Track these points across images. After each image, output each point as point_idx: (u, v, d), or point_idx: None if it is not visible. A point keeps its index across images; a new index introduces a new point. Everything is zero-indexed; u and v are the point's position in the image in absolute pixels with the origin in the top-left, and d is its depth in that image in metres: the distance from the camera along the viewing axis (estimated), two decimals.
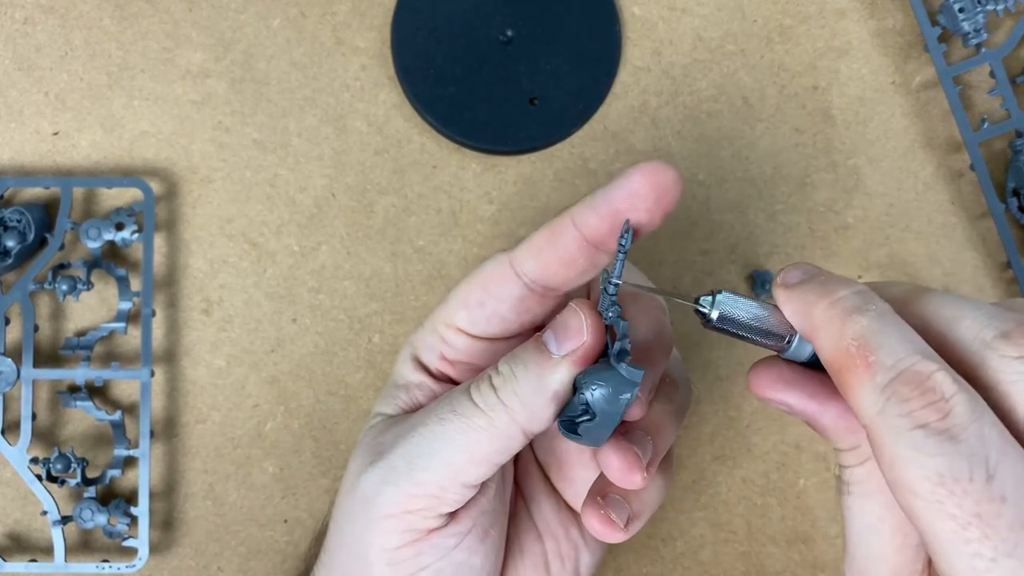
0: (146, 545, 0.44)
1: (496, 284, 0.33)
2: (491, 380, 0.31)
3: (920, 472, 0.24)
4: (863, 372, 0.26)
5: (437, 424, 0.31)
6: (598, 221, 0.30)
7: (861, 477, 0.29)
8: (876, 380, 0.25)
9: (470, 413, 0.31)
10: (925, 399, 0.25)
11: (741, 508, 0.46)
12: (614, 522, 0.32)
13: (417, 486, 0.31)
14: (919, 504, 0.24)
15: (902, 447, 0.24)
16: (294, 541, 0.46)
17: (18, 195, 0.47)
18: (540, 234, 0.32)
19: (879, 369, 0.25)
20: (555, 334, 0.31)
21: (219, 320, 0.46)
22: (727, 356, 0.47)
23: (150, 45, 0.47)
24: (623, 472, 0.31)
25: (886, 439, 0.25)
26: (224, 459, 0.46)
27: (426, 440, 0.31)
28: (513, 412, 0.31)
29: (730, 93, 0.48)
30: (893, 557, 0.29)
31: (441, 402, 0.32)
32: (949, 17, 0.46)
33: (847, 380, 0.26)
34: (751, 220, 0.47)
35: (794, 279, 0.29)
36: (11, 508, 0.46)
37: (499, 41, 0.47)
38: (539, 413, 0.31)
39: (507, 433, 0.31)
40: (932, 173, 0.48)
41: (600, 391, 0.30)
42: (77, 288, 0.44)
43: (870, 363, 0.26)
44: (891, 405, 0.25)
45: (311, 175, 0.47)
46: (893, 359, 0.25)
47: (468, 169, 0.47)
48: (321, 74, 0.47)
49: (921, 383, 0.25)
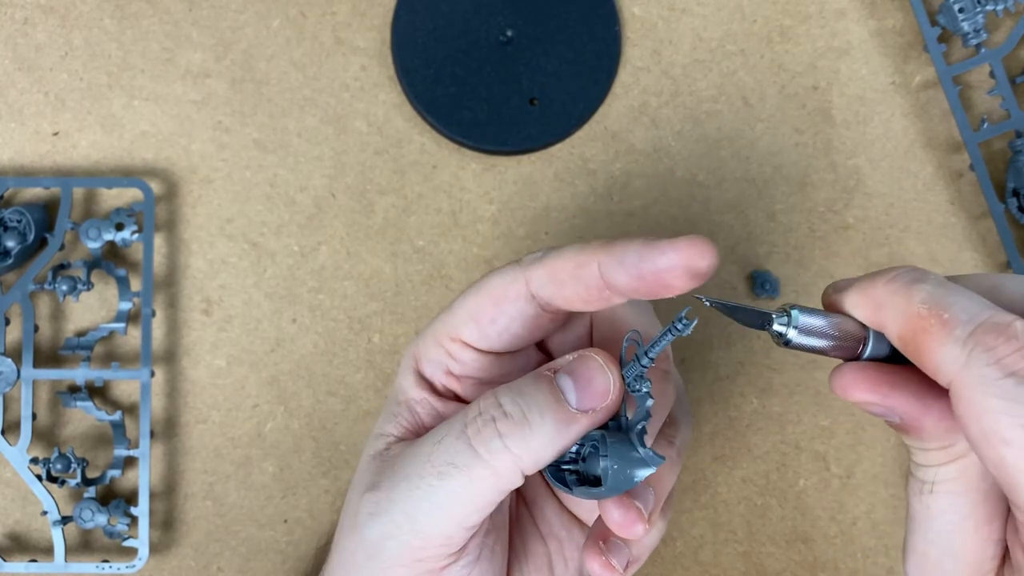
0: (146, 545, 0.44)
1: (510, 301, 0.32)
2: (496, 425, 0.30)
3: (1015, 420, 0.24)
4: (939, 330, 0.25)
5: (436, 480, 0.30)
6: (625, 279, 0.30)
7: (951, 475, 0.28)
8: (955, 334, 0.25)
9: (471, 464, 0.30)
10: (1011, 346, 0.24)
11: (741, 508, 0.46)
12: (614, 567, 0.32)
13: (422, 539, 0.30)
14: (1012, 453, 0.24)
15: (992, 397, 0.24)
16: (294, 541, 0.46)
17: (18, 195, 0.47)
18: (563, 264, 0.31)
19: (956, 324, 0.25)
20: (576, 386, 0.30)
21: (219, 320, 0.46)
22: (727, 356, 0.47)
23: (150, 45, 0.47)
24: (625, 526, 0.30)
25: (974, 392, 0.24)
26: (224, 459, 0.46)
27: (426, 496, 0.30)
28: (519, 459, 0.30)
29: (730, 93, 0.48)
30: (977, 554, 0.28)
31: (434, 448, 0.30)
32: (949, 17, 0.46)
33: (923, 343, 0.26)
34: (751, 220, 0.47)
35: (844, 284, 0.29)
36: (11, 508, 0.46)
37: (499, 41, 0.47)
38: (543, 460, 0.30)
39: (509, 478, 0.30)
40: (932, 173, 0.48)
41: (616, 466, 0.30)
42: (77, 288, 0.44)
43: (945, 320, 0.25)
44: (976, 355, 0.25)
45: (311, 175, 0.47)
46: (968, 313, 0.25)
47: (468, 169, 0.47)
48: (321, 74, 0.47)
49: (1004, 331, 0.24)
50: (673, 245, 0.29)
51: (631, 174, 0.47)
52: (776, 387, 0.47)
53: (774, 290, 0.46)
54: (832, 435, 0.47)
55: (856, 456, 0.47)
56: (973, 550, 0.28)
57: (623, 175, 0.47)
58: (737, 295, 0.47)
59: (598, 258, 0.30)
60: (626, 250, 0.29)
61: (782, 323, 0.28)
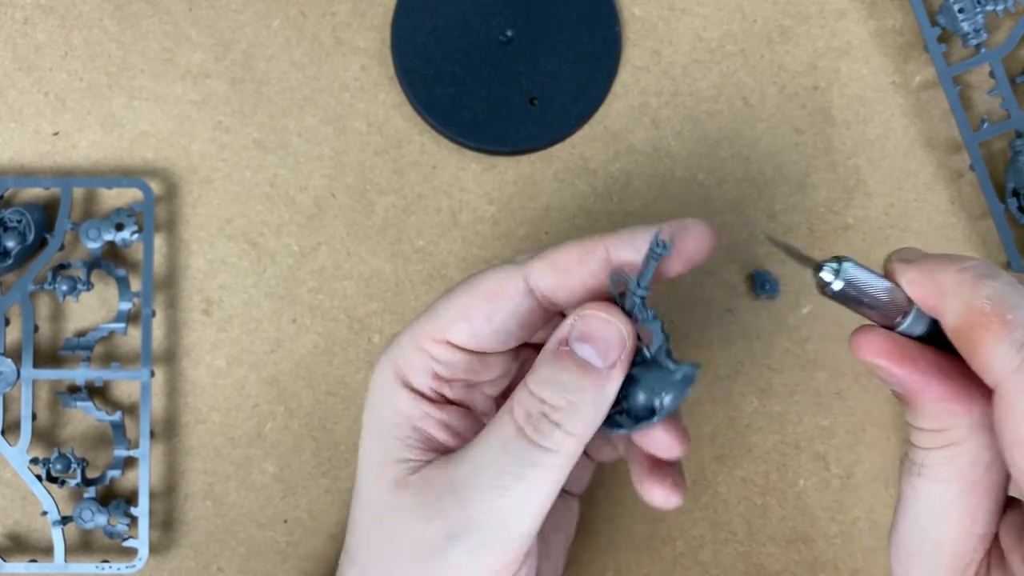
0: (146, 545, 0.44)
1: (507, 297, 0.32)
2: (550, 417, 0.30)
3: None
4: (999, 329, 0.25)
5: (514, 483, 0.30)
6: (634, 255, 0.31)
7: (940, 461, 0.28)
8: (1015, 336, 0.25)
9: (543, 459, 0.30)
10: None
11: (741, 508, 0.46)
12: (680, 485, 0.34)
13: (514, 540, 0.31)
14: None
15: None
16: (294, 541, 0.46)
17: (18, 195, 0.47)
18: (567, 254, 0.32)
19: (1018, 326, 0.25)
20: (594, 348, 0.31)
21: (219, 320, 0.46)
22: (727, 356, 0.47)
23: (150, 45, 0.47)
24: (674, 446, 0.32)
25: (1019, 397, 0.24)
26: (224, 459, 0.46)
27: (516, 499, 0.30)
28: (580, 437, 0.31)
29: (730, 93, 0.48)
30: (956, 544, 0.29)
31: (499, 456, 0.31)
32: (949, 17, 0.46)
33: (979, 338, 0.26)
34: (751, 220, 0.47)
35: (913, 255, 0.29)
36: (11, 508, 0.46)
37: (499, 41, 0.47)
38: (599, 424, 0.31)
39: (576, 455, 0.31)
40: (932, 173, 0.48)
41: (661, 391, 0.31)
42: (77, 288, 0.44)
43: (1007, 321, 0.25)
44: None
45: (311, 175, 0.47)
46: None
47: (468, 169, 0.47)
48: (321, 74, 0.47)
49: None
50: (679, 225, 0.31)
51: (631, 174, 0.47)
52: (776, 387, 0.47)
53: (774, 290, 0.46)
54: (832, 435, 0.47)
55: (856, 456, 0.47)
56: (953, 539, 0.29)
57: (623, 175, 0.47)
58: (737, 295, 0.47)
59: (604, 241, 0.31)
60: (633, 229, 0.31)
61: (831, 270, 0.29)
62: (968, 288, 0.26)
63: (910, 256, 0.29)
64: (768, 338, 0.47)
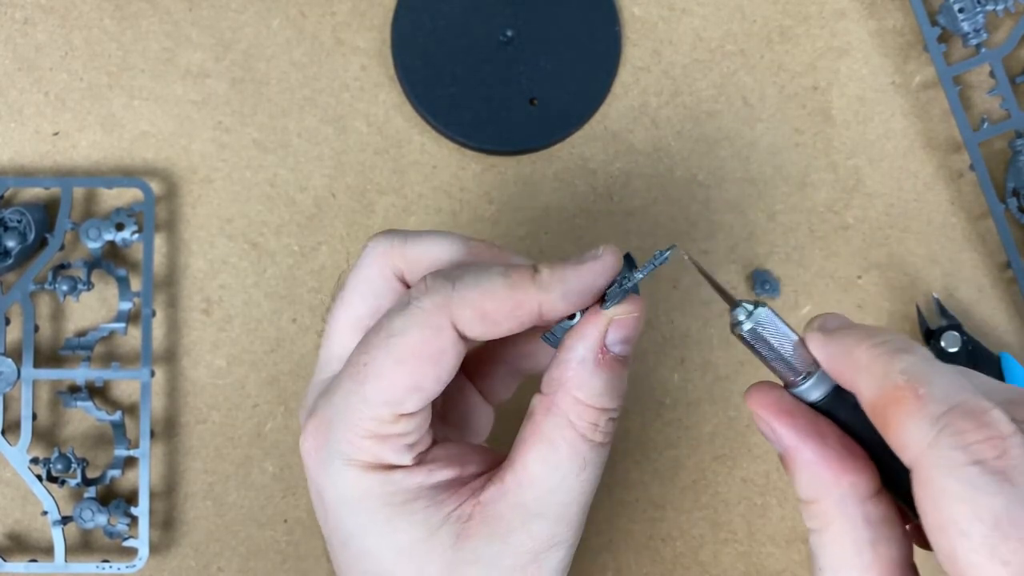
0: (146, 545, 0.44)
1: (447, 355, 0.31)
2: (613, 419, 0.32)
3: (974, 512, 0.23)
4: (913, 404, 0.25)
5: None
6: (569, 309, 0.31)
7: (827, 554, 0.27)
8: (928, 410, 0.24)
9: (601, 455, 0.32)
10: (982, 433, 0.23)
11: (741, 508, 0.46)
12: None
13: None
14: (966, 545, 0.23)
15: (954, 483, 0.23)
16: (294, 541, 0.46)
17: (18, 195, 0.47)
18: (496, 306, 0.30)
19: (931, 400, 0.24)
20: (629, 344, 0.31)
21: (219, 320, 0.46)
22: (727, 356, 0.47)
23: (150, 45, 0.47)
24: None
25: (936, 474, 0.24)
26: (224, 459, 0.46)
27: None
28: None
29: (730, 93, 0.48)
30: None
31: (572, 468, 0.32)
32: (949, 17, 0.46)
33: (894, 415, 0.25)
34: (751, 220, 0.47)
35: (833, 324, 0.28)
36: (11, 508, 0.46)
37: (499, 41, 0.47)
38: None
39: None
40: (932, 173, 0.48)
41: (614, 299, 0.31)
42: (77, 288, 0.44)
43: (921, 395, 0.25)
44: (944, 437, 0.24)
45: (311, 175, 0.47)
46: (946, 392, 0.24)
47: (468, 169, 0.47)
48: (321, 74, 0.47)
49: (978, 417, 0.24)
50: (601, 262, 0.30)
51: (631, 174, 0.47)
52: None
53: (774, 290, 0.46)
54: None
55: None
56: None
57: (623, 175, 0.47)
58: (737, 295, 0.47)
59: (538, 299, 0.30)
60: (564, 283, 0.30)
61: (745, 311, 0.29)
62: (883, 363, 0.26)
63: (830, 325, 0.29)
64: None
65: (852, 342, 0.27)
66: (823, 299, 0.47)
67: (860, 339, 0.27)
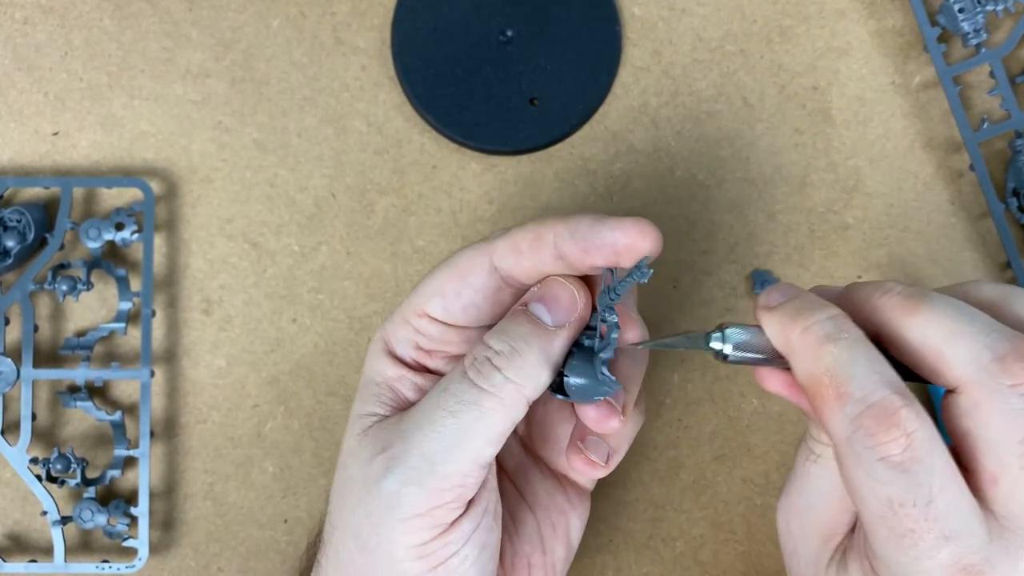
0: (146, 545, 0.44)
1: (475, 275, 0.34)
2: (492, 361, 0.32)
3: (871, 494, 0.28)
4: (834, 402, 0.29)
5: (449, 418, 0.32)
6: (575, 251, 0.32)
7: (831, 454, 0.32)
8: (846, 411, 0.28)
9: (479, 399, 0.32)
10: (889, 435, 0.27)
11: (741, 508, 0.46)
12: (595, 461, 0.35)
13: (443, 480, 0.31)
14: (865, 512, 0.28)
15: (862, 472, 0.28)
16: (294, 541, 0.46)
17: (18, 195, 0.47)
18: (523, 236, 0.33)
19: (848, 401, 0.28)
20: (548, 307, 0.33)
21: (219, 320, 0.46)
22: None
23: (150, 45, 0.47)
24: (600, 421, 0.33)
25: (849, 462, 0.28)
26: (224, 459, 0.46)
27: (442, 435, 0.31)
28: (520, 386, 0.32)
29: (730, 93, 0.48)
30: (831, 515, 0.34)
31: (441, 395, 0.32)
32: (949, 17, 0.46)
33: (819, 406, 0.29)
34: (751, 220, 0.47)
35: (774, 301, 0.32)
36: (11, 508, 0.46)
37: (499, 41, 0.47)
38: (542, 381, 0.32)
39: (516, 406, 0.32)
40: (932, 173, 0.48)
41: (578, 382, 0.33)
42: (77, 288, 0.44)
43: (840, 394, 0.28)
44: (858, 436, 0.28)
45: (311, 175, 0.47)
46: (862, 392, 0.28)
47: (468, 169, 0.47)
48: (321, 74, 0.47)
49: (887, 418, 0.28)
50: (620, 224, 0.32)
51: (631, 174, 0.47)
52: None
53: None
54: None
55: None
56: (830, 511, 0.34)
57: (623, 175, 0.47)
58: (737, 295, 0.47)
59: (554, 230, 0.32)
60: (579, 223, 0.32)
61: (717, 340, 0.32)
62: (811, 353, 0.30)
63: (772, 301, 0.32)
64: None
65: (787, 323, 0.31)
66: None
67: (793, 321, 0.31)
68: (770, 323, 0.31)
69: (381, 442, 0.33)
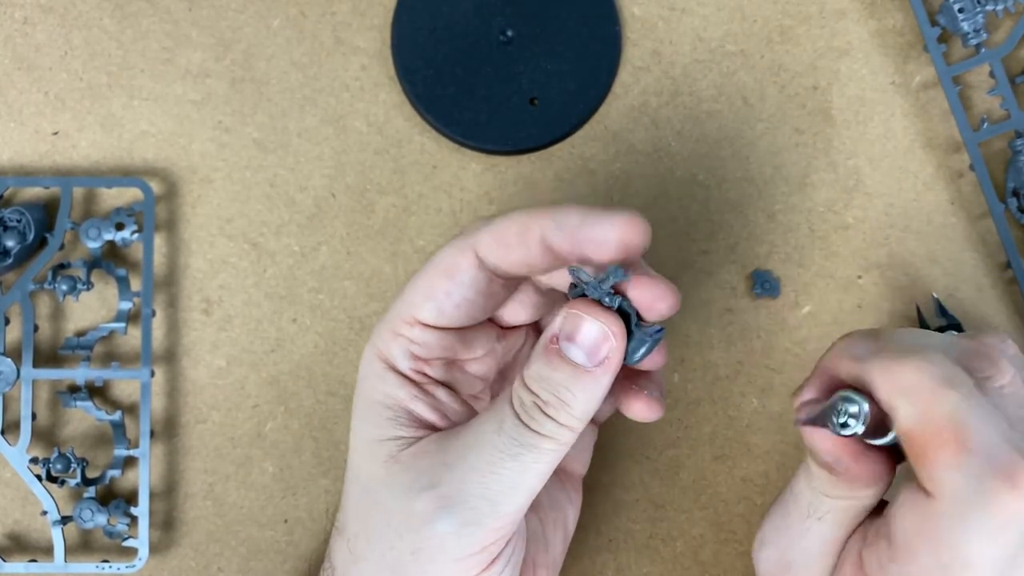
0: (146, 545, 0.44)
1: (463, 272, 0.33)
2: (543, 410, 0.31)
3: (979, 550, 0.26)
4: (955, 454, 0.26)
5: (509, 460, 0.31)
6: (565, 244, 0.31)
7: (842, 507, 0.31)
8: (971, 464, 0.26)
9: (539, 443, 0.31)
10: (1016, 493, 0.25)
11: (741, 508, 0.46)
12: (656, 398, 0.35)
13: (502, 519, 0.31)
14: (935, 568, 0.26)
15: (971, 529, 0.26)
16: (294, 541, 0.46)
17: (18, 195, 0.47)
18: (508, 228, 0.32)
19: (975, 455, 0.26)
20: (583, 349, 0.31)
21: (219, 320, 0.46)
22: (727, 356, 0.47)
23: (150, 45, 0.47)
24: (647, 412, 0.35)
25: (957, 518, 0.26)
26: (224, 459, 0.46)
27: (502, 477, 0.31)
28: (574, 428, 0.32)
29: (730, 93, 0.48)
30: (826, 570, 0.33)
31: (495, 436, 0.32)
32: (949, 17, 0.46)
33: (934, 456, 0.26)
34: (751, 220, 0.47)
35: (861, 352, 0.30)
36: (11, 508, 0.46)
37: (499, 41, 0.47)
38: (592, 414, 0.32)
39: (571, 441, 0.32)
40: (932, 173, 0.48)
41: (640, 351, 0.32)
42: (77, 288, 0.44)
43: (966, 448, 0.26)
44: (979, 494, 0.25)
45: (311, 175, 0.47)
46: (988, 447, 0.26)
47: (468, 169, 0.47)
48: (321, 74, 0.47)
49: (1011, 476, 0.25)
50: (609, 218, 0.31)
51: (631, 174, 0.47)
52: (776, 387, 0.47)
53: (774, 290, 0.46)
54: None
55: None
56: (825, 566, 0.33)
57: (623, 175, 0.47)
58: (737, 295, 0.47)
59: (541, 223, 0.32)
60: (567, 216, 0.31)
61: (854, 419, 0.29)
62: (928, 395, 0.27)
63: (860, 352, 0.30)
64: (768, 338, 0.47)
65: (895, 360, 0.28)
66: (823, 299, 0.47)
67: (902, 364, 0.28)
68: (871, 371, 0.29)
69: (425, 476, 0.32)
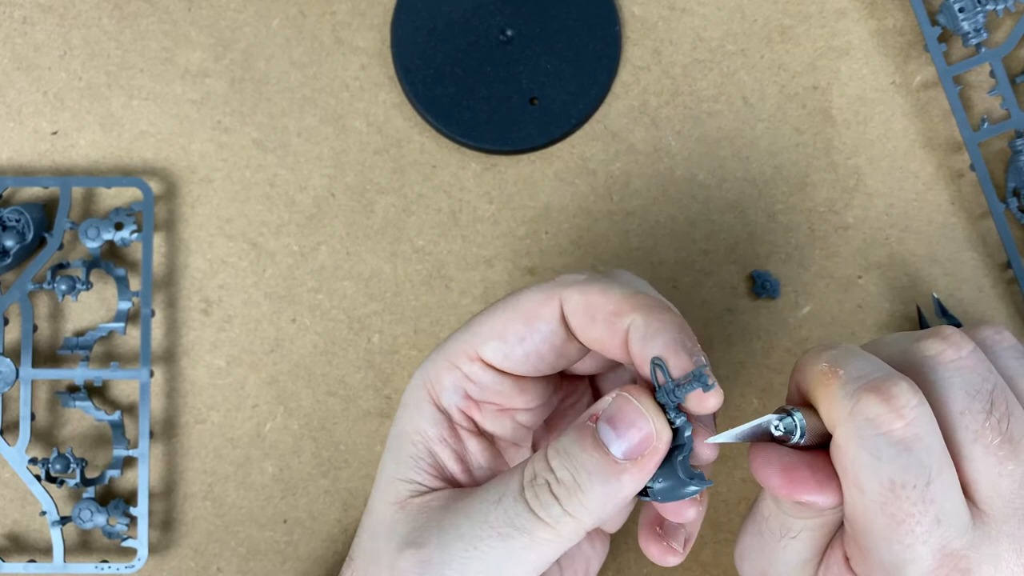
0: (145, 545, 0.44)
1: (543, 321, 0.31)
2: (551, 489, 0.29)
3: (874, 477, 0.27)
4: (833, 382, 0.28)
5: (497, 540, 0.29)
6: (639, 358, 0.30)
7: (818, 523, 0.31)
8: (847, 387, 0.28)
9: (533, 527, 0.29)
10: (890, 406, 0.27)
11: (741, 508, 0.46)
12: (675, 549, 0.32)
13: None
14: (863, 500, 0.27)
15: (864, 452, 0.27)
16: (294, 541, 0.46)
17: (17, 195, 0.47)
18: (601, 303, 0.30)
19: (848, 378, 0.28)
20: (619, 435, 0.29)
21: (218, 320, 0.46)
22: (727, 356, 0.47)
23: (149, 45, 0.47)
24: (680, 510, 0.31)
25: (851, 441, 0.27)
26: (224, 459, 0.46)
27: (485, 558, 0.29)
28: (580, 521, 0.29)
29: (730, 93, 0.48)
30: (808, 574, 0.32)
31: (492, 509, 0.29)
32: (949, 17, 0.46)
33: (820, 394, 0.29)
34: (751, 220, 0.47)
35: None
36: (10, 508, 0.46)
37: (499, 41, 0.47)
38: (604, 515, 0.30)
39: (572, 538, 0.30)
40: (932, 173, 0.48)
41: (663, 485, 0.30)
42: (76, 288, 0.44)
43: (840, 375, 0.28)
44: (859, 408, 0.27)
45: (311, 175, 0.47)
46: (861, 371, 0.28)
47: (468, 169, 0.47)
48: (321, 74, 0.47)
49: (887, 390, 0.27)
50: (697, 381, 0.29)
51: (631, 174, 0.47)
52: (776, 387, 0.47)
53: (774, 290, 0.46)
54: None
55: None
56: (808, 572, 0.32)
57: (623, 175, 0.47)
58: (737, 295, 0.47)
59: (632, 319, 0.30)
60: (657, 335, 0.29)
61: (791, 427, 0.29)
62: (812, 359, 0.30)
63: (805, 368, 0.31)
64: (768, 338, 0.47)
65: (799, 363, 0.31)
66: (823, 299, 0.47)
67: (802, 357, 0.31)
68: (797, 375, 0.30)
69: (417, 532, 0.30)
